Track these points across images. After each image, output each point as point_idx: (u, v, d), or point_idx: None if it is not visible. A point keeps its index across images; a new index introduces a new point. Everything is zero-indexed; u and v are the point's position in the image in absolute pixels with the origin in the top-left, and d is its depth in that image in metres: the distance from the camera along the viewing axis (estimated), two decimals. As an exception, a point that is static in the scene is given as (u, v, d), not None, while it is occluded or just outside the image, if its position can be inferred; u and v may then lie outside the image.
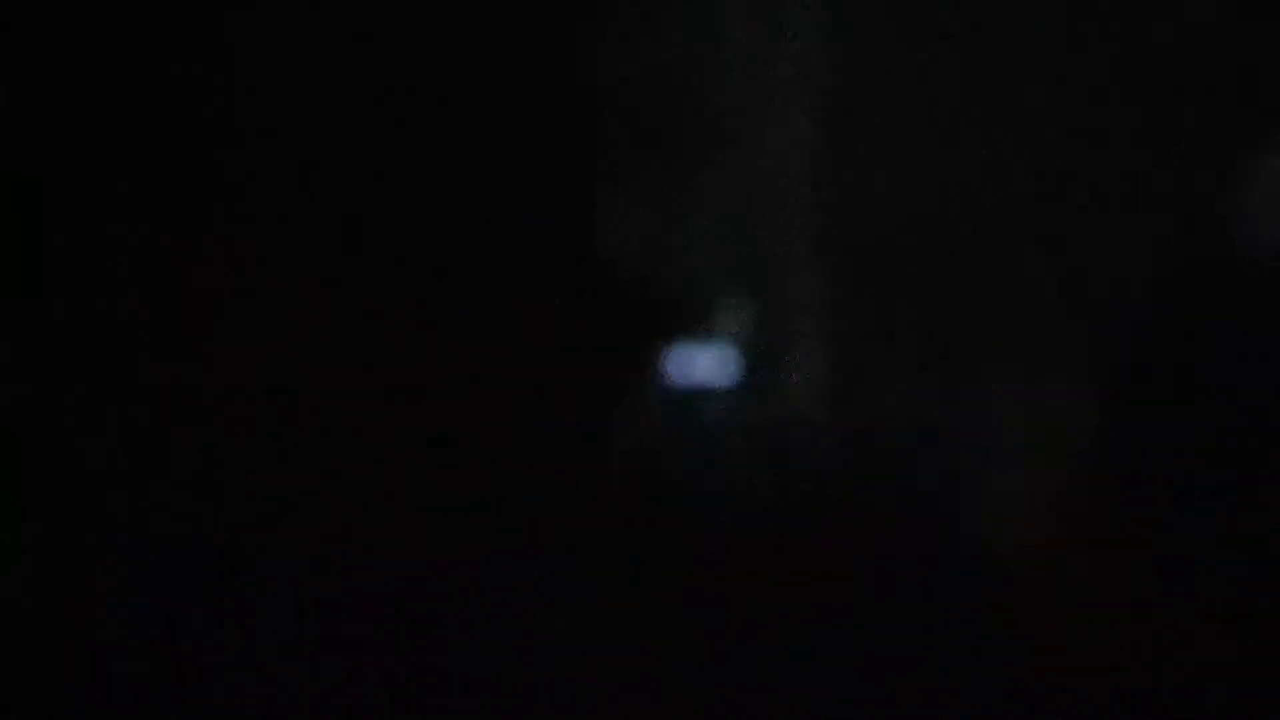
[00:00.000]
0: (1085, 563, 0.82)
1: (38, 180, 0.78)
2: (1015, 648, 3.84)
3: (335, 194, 1.08)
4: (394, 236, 1.25)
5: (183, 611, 0.75)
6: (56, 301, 0.72)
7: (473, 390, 1.33)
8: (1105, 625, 0.82)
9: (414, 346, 1.25)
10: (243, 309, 0.85)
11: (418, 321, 1.25)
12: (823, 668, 3.97)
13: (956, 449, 4.41)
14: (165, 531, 0.79)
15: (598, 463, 4.07)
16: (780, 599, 3.97)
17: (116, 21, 0.79)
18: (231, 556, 0.78)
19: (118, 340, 0.75)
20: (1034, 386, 4.76)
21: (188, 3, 0.92)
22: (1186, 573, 0.69)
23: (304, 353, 1.01)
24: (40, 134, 0.81)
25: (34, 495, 0.61)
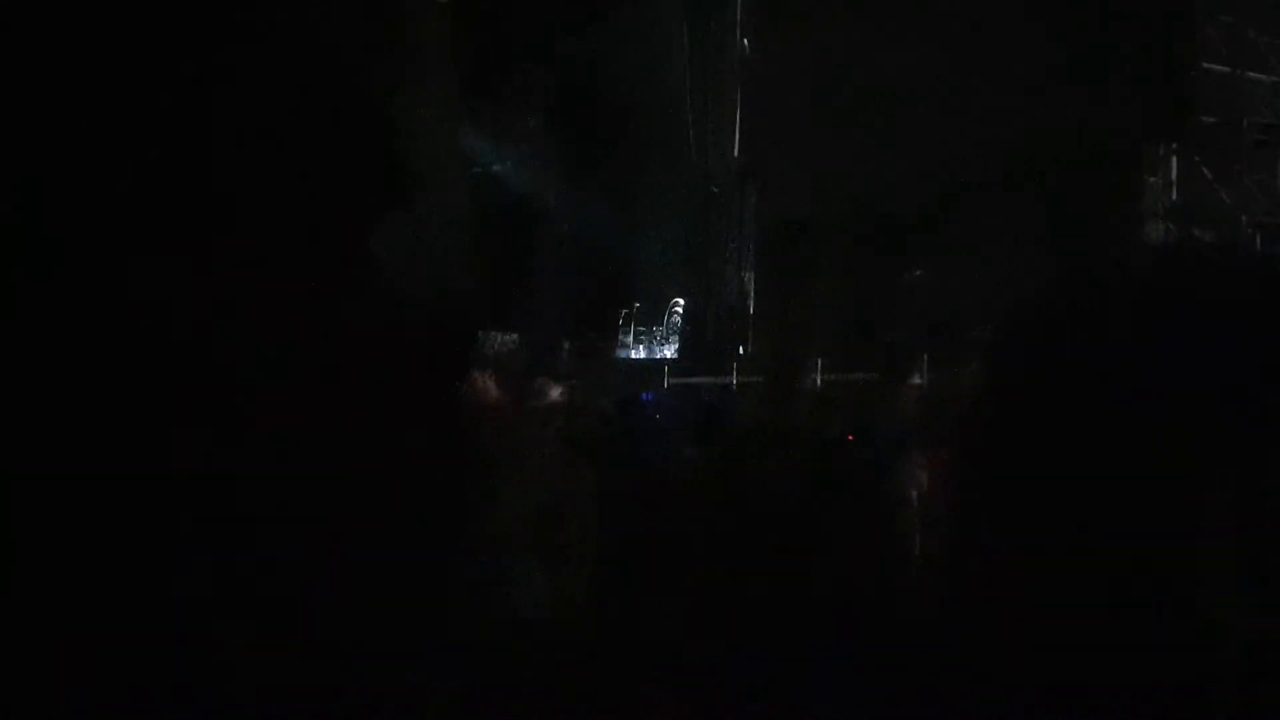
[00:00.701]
0: (982, 527, 0.68)
1: None
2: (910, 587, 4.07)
3: (315, 193, 1.15)
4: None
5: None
6: None
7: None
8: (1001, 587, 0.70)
9: (371, 319, 1.27)
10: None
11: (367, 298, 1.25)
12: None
13: (868, 418, 4.84)
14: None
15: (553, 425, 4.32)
16: (714, 544, 4.24)
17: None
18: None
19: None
20: (939, 362, 5.25)
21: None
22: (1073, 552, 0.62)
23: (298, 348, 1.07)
24: None
25: (30, 499, 0.57)
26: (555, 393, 4.08)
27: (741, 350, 14.06)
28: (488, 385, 4.64)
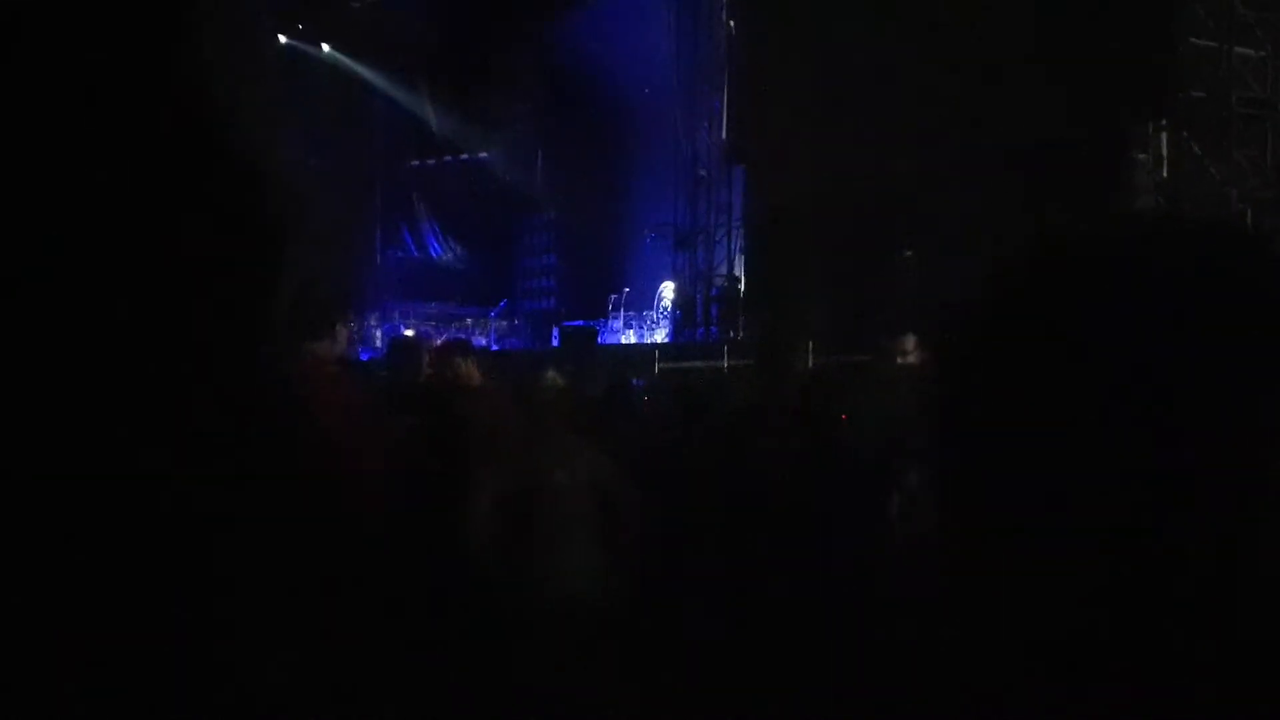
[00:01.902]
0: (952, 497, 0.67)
1: None
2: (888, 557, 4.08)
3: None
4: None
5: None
6: None
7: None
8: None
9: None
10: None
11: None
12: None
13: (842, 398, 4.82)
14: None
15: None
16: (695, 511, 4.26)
17: None
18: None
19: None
20: (914, 340, 5.20)
21: None
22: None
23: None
24: None
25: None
26: (550, 380, 4.07)
27: (733, 333, 14.07)
28: (473, 372, 4.63)
